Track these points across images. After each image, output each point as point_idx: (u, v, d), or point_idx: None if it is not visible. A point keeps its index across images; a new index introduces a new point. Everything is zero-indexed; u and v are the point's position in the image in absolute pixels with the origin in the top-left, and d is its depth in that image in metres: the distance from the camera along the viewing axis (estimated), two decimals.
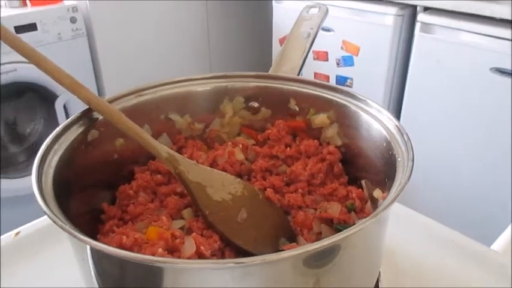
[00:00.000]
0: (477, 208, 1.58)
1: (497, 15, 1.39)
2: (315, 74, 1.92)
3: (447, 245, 0.59)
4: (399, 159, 0.42)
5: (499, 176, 1.50)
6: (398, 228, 0.59)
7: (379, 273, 0.52)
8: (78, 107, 0.48)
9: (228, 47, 2.38)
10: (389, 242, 0.54)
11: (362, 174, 0.53)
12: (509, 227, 0.72)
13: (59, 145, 0.45)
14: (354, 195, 0.50)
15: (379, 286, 0.51)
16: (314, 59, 1.88)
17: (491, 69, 1.42)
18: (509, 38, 1.36)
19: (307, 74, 1.90)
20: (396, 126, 0.46)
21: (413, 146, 0.42)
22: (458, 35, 1.48)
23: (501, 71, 1.40)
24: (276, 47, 2.07)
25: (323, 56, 1.86)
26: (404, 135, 0.44)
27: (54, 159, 0.44)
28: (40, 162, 0.42)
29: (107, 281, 0.38)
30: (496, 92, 1.44)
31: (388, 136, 0.46)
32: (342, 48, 1.80)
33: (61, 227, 0.34)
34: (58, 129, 0.46)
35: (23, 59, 0.44)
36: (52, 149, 0.44)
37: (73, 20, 1.79)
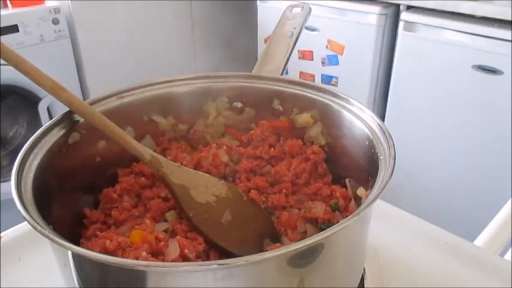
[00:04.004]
0: (461, 205, 1.60)
1: (478, 13, 1.41)
2: (301, 73, 1.93)
3: (432, 242, 0.60)
4: (381, 157, 0.42)
5: (484, 172, 1.52)
6: (384, 226, 0.60)
7: (364, 271, 0.52)
8: (62, 109, 0.47)
9: (213, 47, 2.38)
10: (374, 241, 0.54)
11: (346, 173, 0.53)
12: (491, 223, 0.73)
13: (39, 148, 0.44)
14: (338, 194, 0.50)
15: (364, 285, 0.51)
16: (299, 58, 1.89)
17: (473, 66, 1.44)
18: (491, 35, 1.39)
19: (293, 73, 1.91)
20: (378, 124, 0.46)
21: (395, 144, 0.43)
22: (441, 33, 1.49)
23: (483, 68, 1.42)
24: (261, 47, 2.07)
25: (308, 55, 1.87)
26: (386, 134, 0.44)
27: (34, 163, 0.43)
28: (20, 167, 0.41)
29: (90, 286, 0.38)
30: (478, 89, 1.46)
31: (370, 134, 0.46)
32: (326, 47, 1.81)
33: (41, 233, 0.33)
34: (38, 132, 0.46)
35: (3, 61, 0.43)
36: (32, 153, 0.44)
37: (55, 22, 1.76)
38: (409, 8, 1.59)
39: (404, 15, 1.57)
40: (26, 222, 0.35)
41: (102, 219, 0.49)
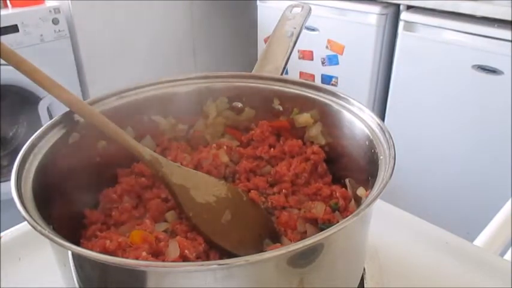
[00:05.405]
0: (461, 205, 1.59)
1: (478, 13, 1.41)
2: (301, 73, 1.93)
3: (432, 242, 0.60)
4: (381, 157, 0.42)
5: (484, 172, 1.52)
6: (384, 226, 0.60)
7: (364, 271, 0.52)
8: (62, 109, 0.47)
9: (213, 47, 2.38)
10: (374, 241, 0.54)
11: (346, 173, 0.53)
12: (491, 223, 0.73)
13: (39, 149, 0.45)
14: (337, 194, 0.50)
15: (364, 285, 0.51)
16: (299, 58, 1.89)
17: (473, 66, 1.44)
18: (491, 35, 1.39)
19: (293, 73, 1.91)
20: (378, 124, 0.46)
21: (395, 144, 0.43)
22: (440, 33, 1.49)
23: (483, 68, 1.42)
24: (261, 47, 2.07)
25: (308, 55, 1.87)
26: (386, 134, 0.44)
27: (34, 163, 0.43)
28: (19, 166, 0.41)
29: (90, 286, 0.38)
30: (478, 89, 1.46)
31: (370, 134, 0.46)
32: (326, 47, 1.81)
33: (40, 232, 0.33)
34: (38, 132, 0.46)
35: (3, 61, 0.43)
36: (32, 153, 0.44)
37: (55, 22, 1.76)
38: (409, 8, 1.59)
39: (404, 15, 1.57)
40: (26, 222, 0.35)
41: (102, 220, 0.49)
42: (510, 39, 1.35)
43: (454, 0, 1.44)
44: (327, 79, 1.87)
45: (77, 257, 0.36)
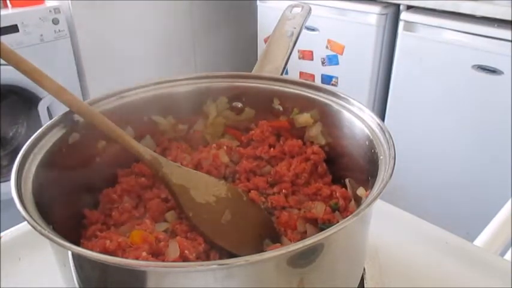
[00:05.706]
0: (461, 205, 1.60)
1: (478, 13, 1.41)
2: (301, 73, 1.93)
3: (432, 242, 0.60)
4: (381, 157, 0.42)
5: (484, 172, 1.52)
6: (384, 226, 0.60)
7: (364, 271, 0.52)
8: (62, 109, 0.47)
9: (213, 47, 2.38)
10: (374, 241, 0.54)
11: (346, 173, 0.53)
12: (491, 223, 0.73)
13: (39, 148, 0.44)
14: (337, 194, 0.50)
15: (364, 285, 0.51)
16: (299, 58, 1.89)
17: (473, 66, 1.44)
18: (491, 35, 1.39)
19: (293, 73, 1.91)
20: (378, 124, 0.46)
21: (395, 144, 0.43)
22: (440, 33, 1.49)
23: (483, 68, 1.42)
24: (261, 47, 2.07)
25: (308, 55, 1.87)
26: (386, 133, 0.44)
27: (34, 163, 0.43)
28: (19, 166, 0.41)
29: (90, 286, 0.38)
30: (478, 89, 1.46)
31: (370, 134, 0.46)
32: (326, 47, 1.81)
33: (41, 233, 0.33)
34: (38, 132, 0.46)
35: (3, 61, 0.43)
36: (32, 153, 0.44)
37: (55, 22, 1.76)
38: (409, 8, 1.59)
39: (404, 15, 1.57)
40: (26, 222, 0.35)
41: (102, 220, 0.49)
42: (510, 39, 1.35)
43: (454, 0, 1.44)
44: (327, 79, 1.87)
45: (77, 257, 0.36)
